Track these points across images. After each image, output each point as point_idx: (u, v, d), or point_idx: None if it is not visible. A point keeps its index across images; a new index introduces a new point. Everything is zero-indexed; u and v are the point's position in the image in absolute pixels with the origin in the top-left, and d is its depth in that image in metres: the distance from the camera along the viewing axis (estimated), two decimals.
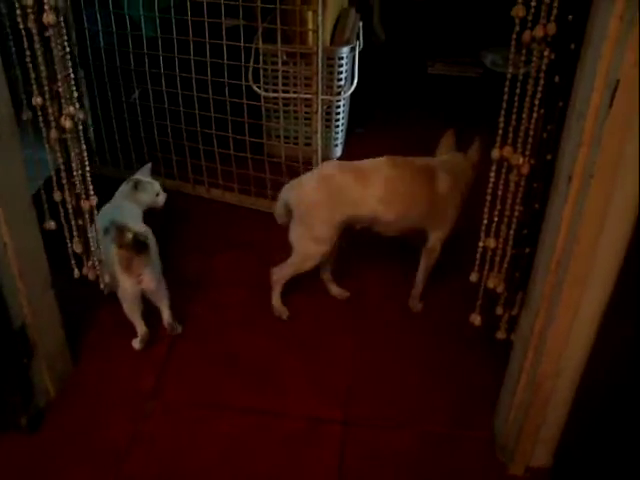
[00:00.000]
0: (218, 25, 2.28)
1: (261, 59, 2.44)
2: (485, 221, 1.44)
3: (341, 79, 2.70)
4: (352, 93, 2.68)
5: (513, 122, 1.30)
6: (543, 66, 1.21)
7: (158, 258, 1.97)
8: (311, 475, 1.64)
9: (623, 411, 1.35)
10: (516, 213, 1.39)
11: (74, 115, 1.50)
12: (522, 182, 1.34)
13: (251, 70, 2.37)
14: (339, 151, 2.97)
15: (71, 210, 1.63)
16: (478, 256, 1.49)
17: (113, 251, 1.83)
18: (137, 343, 1.95)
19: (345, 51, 2.66)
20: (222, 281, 2.27)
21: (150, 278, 1.89)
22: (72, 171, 1.56)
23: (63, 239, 1.68)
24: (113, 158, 2.78)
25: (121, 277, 1.86)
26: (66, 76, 1.46)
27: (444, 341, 2.01)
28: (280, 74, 2.48)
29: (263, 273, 2.27)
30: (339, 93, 2.71)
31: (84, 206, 1.62)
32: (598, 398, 1.43)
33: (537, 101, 1.25)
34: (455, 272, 1.90)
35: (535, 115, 1.26)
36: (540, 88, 1.23)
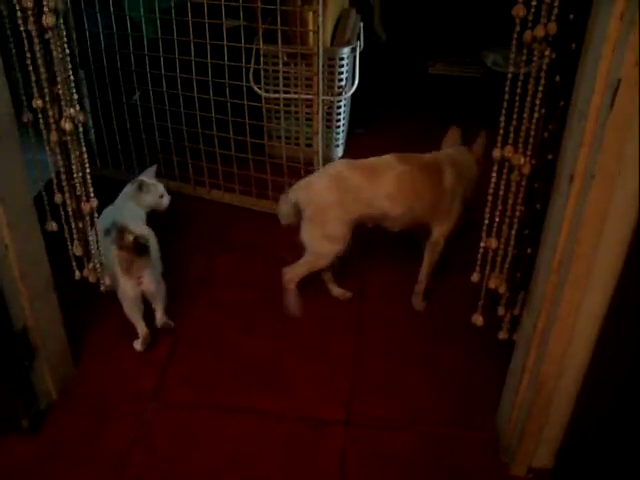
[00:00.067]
0: (219, 26, 2.28)
1: (262, 60, 2.44)
2: (486, 221, 1.44)
3: (342, 80, 2.70)
4: (353, 93, 2.68)
5: (514, 122, 1.30)
6: (544, 66, 1.21)
7: (159, 260, 1.97)
8: (313, 476, 1.64)
9: (626, 411, 1.35)
10: (517, 213, 1.39)
11: (74, 117, 1.50)
12: (523, 182, 1.34)
13: (252, 71, 2.37)
14: (340, 152, 2.97)
15: (71, 213, 1.63)
16: (479, 256, 1.49)
17: (114, 252, 1.83)
18: (138, 344, 1.95)
19: (346, 52, 2.66)
20: (223, 282, 2.27)
21: (150, 280, 1.89)
22: (72, 173, 1.56)
23: (64, 241, 1.68)
24: (114, 160, 2.77)
25: (121, 278, 1.86)
26: (66, 78, 1.46)
27: (446, 341, 2.01)
28: (281, 75, 2.47)
29: (264, 274, 2.27)
30: (340, 94, 2.71)
31: (84, 208, 1.61)
32: (601, 398, 1.42)
33: (538, 101, 1.25)
34: (457, 272, 1.90)
35: (536, 115, 1.26)
36: (541, 88, 1.23)
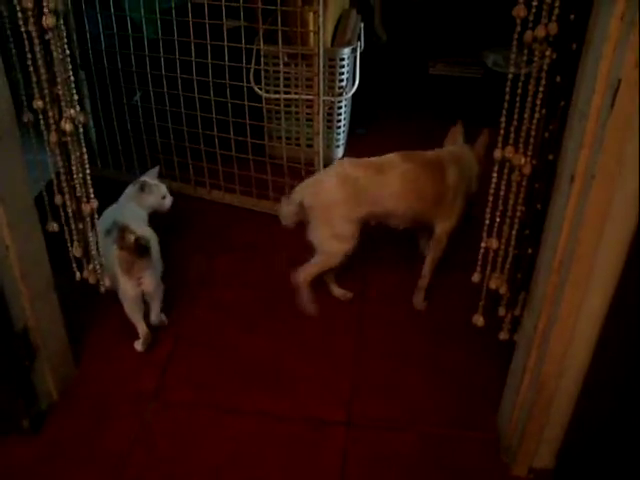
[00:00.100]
0: (219, 26, 2.28)
1: (262, 60, 2.45)
2: (487, 222, 1.44)
3: (342, 80, 2.69)
4: (353, 94, 2.68)
5: (515, 122, 1.30)
6: (545, 66, 1.21)
7: (160, 260, 1.97)
8: (313, 476, 1.64)
9: (626, 411, 1.34)
10: (518, 213, 1.39)
11: (74, 118, 1.50)
12: (524, 182, 1.35)
13: (252, 71, 2.37)
14: (341, 152, 2.97)
15: (71, 214, 1.63)
16: (480, 257, 1.49)
17: (114, 252, 1.84)
18: (139, 345, 1.95)
19: (346, 52, 2.66)
20: (224, 282, 2.27)
21: (150, 281, 1.89)
22: (72, 174, 1.56)
23: (65, 241, 1.68)
24: (115, 160, 2.77)
25: (121, 279, 1.86)
26: (66, 79, 1.46)
27: (447, 342, 2.01)
28: (281, 75, 2.47)
29: (264, 274, 2.27)
30: (340, 94, 2.71)
31: (85, 209, 1.62)
32: (601, 398, 1.42)
33: (539, 101, 1.25)
34: (457, 273, 1.90)
35: (537, 115, 1.26)
36: (542, 88, 1.23)
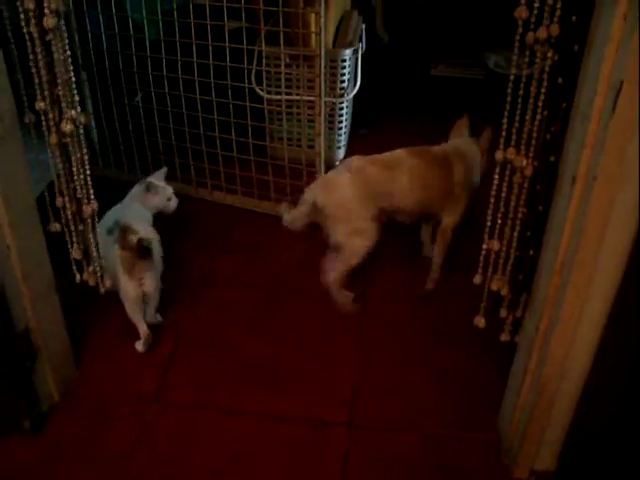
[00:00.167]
0: (221, 27, 2.28)
1: (264, 61, 2.45)
2: (489, 223, 1.44)
3: (344, 81, 2.69)
4: (355, 95, 2.68)
5: (516, 124, 1.30)
6: (546, 67, 1.21)
7: (161, 262, 1.97)
8: (315, 477, 1.63)
9: (628, 414, 1.34)
10: (520, 215, 1.38)
11: (75, 119, 1.50)
12: (525, 184, 1.34)
13: (254, 72, 2.37)
14: (342, 153, 2.96)
15: (70, 216, 1.63)
16: (482, 258, 1.48)
17: (116, 252, 1.84)
18: (140, 345, 1.95)
19: (348, 53, 2.66)
20: (225, 283, 2.27)
21: (150, 282, 1.90)
22: (73, 175, 1.56)
23: (65, 242, 1.68)
24: (116, 160, 2.78)
25: (122, 278, 1.86)
26: (67, 80, 1.46)
27: (448, 343, 2.01)
28: (283, 76, 2.47)
29: (266, 275, 2.27)
30: (342, 95, 2.70)
31: (85, 210, 1.62)
32: (603, 400, 1.42)
33: (540, 103, 1.25)
34: (459, 274, 1.89)
35: (538, 117, 1.26)
36: (543, 90, 1.23)
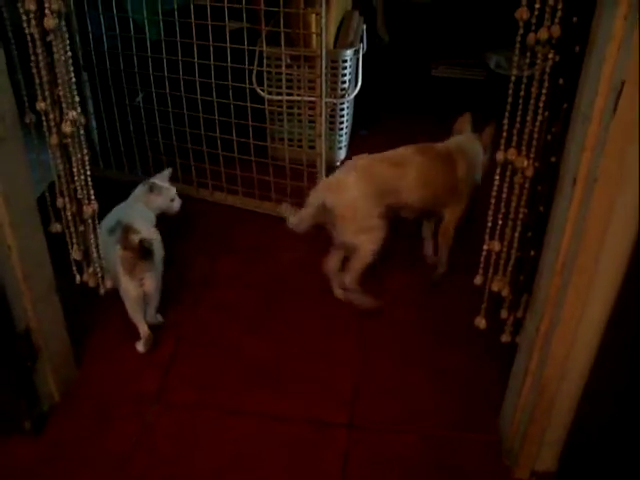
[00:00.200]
0: (222, 28, 2.28)
1: (265, 62, 2.44)
2: (490, 224, 1.44)
3: (345, 82, 2.69)
4: (356, 95, 2.68)
5: (517, 124, 1.30)
6: (547, 68, 1.21)
7: (162, 262, 1.97)
8: (315, 478, 1.63)
9: (628, 414, 1.34)
10: (520, 216, 1.38)
11: (76, 120, 1.50)
12: (526, 185, 1.34)
13: (255, 73, 2.37)
14: (343, 154, 2.96)
15: (71, 217, 1.63)
16: (483, 259, 1.48)
17: (117, 252, 1.84)
18: (141, 346, 1.95)
19: (349, 54, 2.66)
20: (226, 283, 2.27)
21: (151, 283, 1.90)
22: (73, 176, 1.56)
23: (66, 243, 1.68)
24: (117, 161, 2.78)
25: (123, 278, 1.86)
26: (68, 80, 1.46)
27: (449, 344, 2.01)
28: (284, 77, 2.47)
29: (267, 275, 2.27)
30: (343, 96, 2.71)
31: (86, 211, 1.62)
32: (603, 401, 1.42)
33: (541, 103, 1.25)
34: (460, 275, 1.90)
35: (539, 118, 1.26)
36: (544, 90, 1.23)
